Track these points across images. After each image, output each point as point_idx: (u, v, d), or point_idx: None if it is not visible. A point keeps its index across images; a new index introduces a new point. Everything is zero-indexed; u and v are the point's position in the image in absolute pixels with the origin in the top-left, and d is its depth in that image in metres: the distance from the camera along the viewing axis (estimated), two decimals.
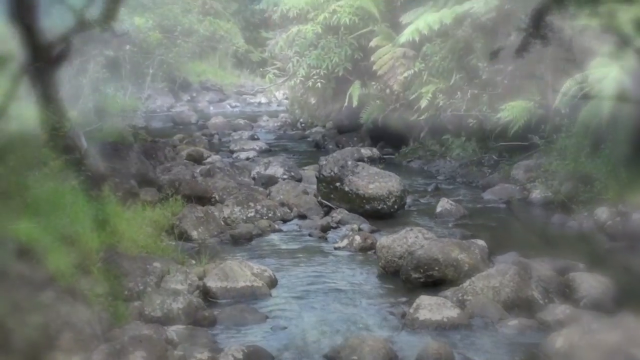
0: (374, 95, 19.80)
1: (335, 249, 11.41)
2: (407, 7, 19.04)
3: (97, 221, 9.75)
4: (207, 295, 9.26)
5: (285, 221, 12.98)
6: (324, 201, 13.58)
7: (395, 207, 13.35)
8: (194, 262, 10.26)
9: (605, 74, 12.32)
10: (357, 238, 11.46)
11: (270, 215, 12.95)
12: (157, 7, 19.21)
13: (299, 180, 15.49)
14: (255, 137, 22.64)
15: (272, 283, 9.74)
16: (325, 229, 12.45)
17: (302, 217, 13.19)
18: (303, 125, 24.69)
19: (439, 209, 13.24)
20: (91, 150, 12.70)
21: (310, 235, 12.20)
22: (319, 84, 20.78)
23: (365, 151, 18.65)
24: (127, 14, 16.14)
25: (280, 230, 12.50)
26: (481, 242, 10.57)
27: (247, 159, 18.89)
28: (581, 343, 7.17)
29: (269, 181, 15.01)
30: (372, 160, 17.73)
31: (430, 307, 8.41)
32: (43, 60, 12.29)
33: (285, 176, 15.48)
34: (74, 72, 14.99)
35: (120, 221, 10.28)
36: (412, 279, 9.64)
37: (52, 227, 8.68)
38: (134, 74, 21.33)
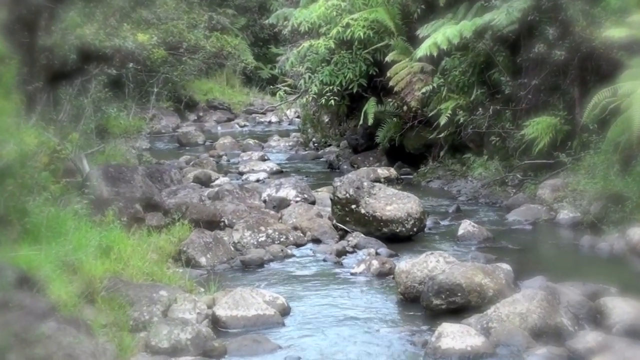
0: (391, 113, 19.83)
1: (352, 274, 11.40)
2: (425, 19, 19.10)
3: (101, 248, 9.80)
4: (217, 325, 9.26)
5: (298, 246, 12.98)
6: (339, 224, 13.59)
7: (415, 230, 13.34)
8: (202, 289, 10.27)
9: (635, 86, 12.31)
10: (375, 263, 11.45)
11: (282, 239, 12.96)
12: (161, 22, 19.28)
13: (313, 202, 15.51)
14: (266, 157, 22.70)
15: (285, 311, 9.73)
16: (341, 253, 12.45)
17: (316, 241, 13.19)
18: (316, 144, 24.74)
19: (460, 232, 13.22)
20: (93, 174, 12.78)
21: (324, 260, 12.20)
22: (332, 102, 20.84)
23: (382, 171, 18.66)
24: (129, 30, 16.20)
25: (293, 256, 12.50)
26: (506, 266, 10.54)
27: (257, 180, 18.92)
28: None
29: (281, 204, 15.03)
30: (389, 181, 17.74)
31: (453, 335, 8.37)
32: (43, 80, 12.40)
33: (297, 198, 15.50)
34: (75, 91, 15.06)
35: (125, 248, 10.32)
36: (433, 306, 9.61)
37: (53, 254, 8.73)
38: (138, 93, 21.43)
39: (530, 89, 16.23)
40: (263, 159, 22.46)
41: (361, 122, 20.49)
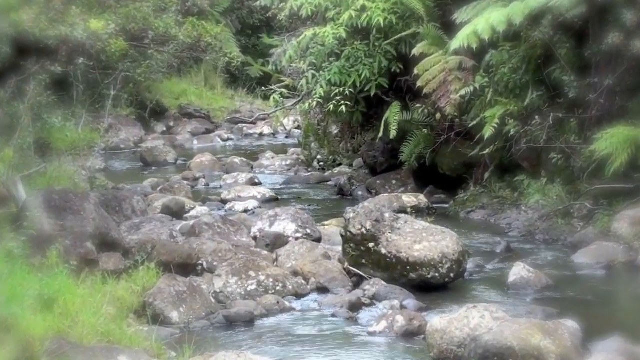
0: (420, 122, 19.86)
1: (370, 334, 11.39)
2: (464, 0, 19.12)
3: (42, 299, 9.79)
4: None
5: (299, 296, 12.98)
6: (353, 268, 13.58)
7: (451, 275, 13.33)
8: (174, 354, 10.27)
9: None
10: (399, 319, 11.42)
11: (278, 288, 12.96)
12: (120, 5, 19.32)
13: (318, 240, 15.51)
14: (256, 181, 22.72)
15: None
16: (355, 306, 12.43)
17: (323, 290, 13.18)
18: (322, 164, 24.77)
19: (512, 278, 13.21)
20: (32, 202, 12.78)
21: (333, 315, 12.20)
22: (342, 108, 20.86)
23: (409, 199, 18.65)
24: (79, 16, 16.26)
25: (292, 309, 12.51)
26: (572, 324, 10.51)
27: (246, 211, 18.94)
28: None
29: (276, 242, 15.03)
30: (418, 211, 17.75)
31: None
32: None
33: (298, 235, 15.50)
34: (8, 95, 15.11)
35: (73, 299, 10.31)
36: None
37: None
38: (90, 96, 21.46)
39: (603, 91, 16.24)
40: (253, 182, 22.48)
41: (381, 134, 20.48)
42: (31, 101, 15.64)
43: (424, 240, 13.40)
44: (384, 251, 13.40)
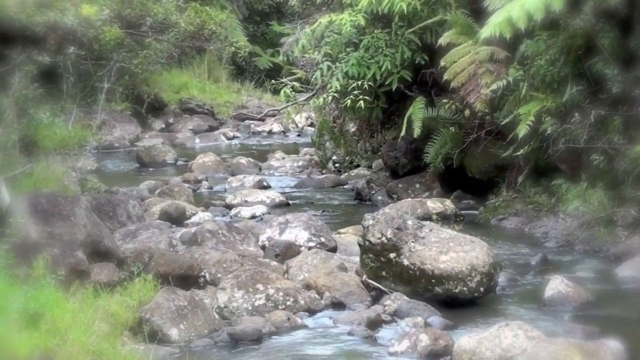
0: (447, 120, 19.84)
1: (390, 354, 11.37)
2: None
3: (27, 314, 9.80)
4: None
5: (312, 312, 12.97)
6: (372, 281, 13.57)
7: (481, 289, 13.30)
8: None
9: None
10: (424, 338, 11.41)
11: (288, 303, 12.94)
12: None
13: (333, 249, 15.51)
14: (265, 184, 22.74)
15: None
16: (374, 324, 12.43)
17: (339, 306, 13.18)
18: (337, 165, 24.77)
19: (548, 293, 13.19)
20: (16, 206, 12.79)
21: (350, 333, 12.17)
22: (361, 103, 20.86)
23: (434, 204, 18.64)
24: (70, 0, 16.31)
25: (304, 327, 12.49)
26: (615, 344, 10.49)
27: (253, 217, 18.95)
28: None
29: (287, 251, 15.04)
30: (444, 218, 17.74)
31: None
32: None
33: (311, 244, 15.50)
34: None
35: (62, 314, 10.32)
36: None
37: None
38: (81, 90, 21.50)
39: None
40: (261, 185, 22.50)
41: (403, 132, 20.49)
42: (16, 94, 15.66)
43: (450, 251, 13.37)
44: (406, 262, 13.38)
